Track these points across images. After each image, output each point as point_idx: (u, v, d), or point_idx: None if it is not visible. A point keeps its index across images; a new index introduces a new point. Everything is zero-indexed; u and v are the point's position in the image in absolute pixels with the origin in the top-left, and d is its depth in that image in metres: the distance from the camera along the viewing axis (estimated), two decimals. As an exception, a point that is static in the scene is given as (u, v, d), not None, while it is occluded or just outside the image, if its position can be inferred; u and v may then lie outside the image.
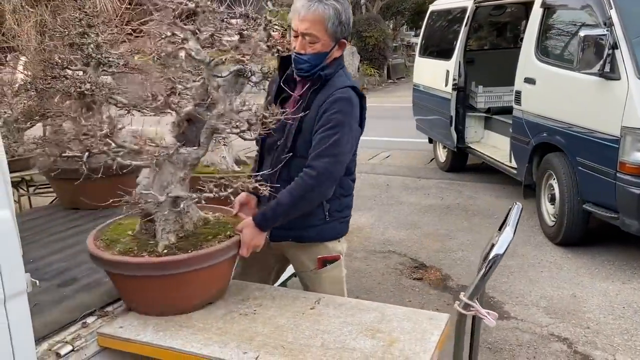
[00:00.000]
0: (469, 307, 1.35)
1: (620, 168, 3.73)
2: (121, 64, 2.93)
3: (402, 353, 1.53)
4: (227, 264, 1.84)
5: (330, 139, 1.88)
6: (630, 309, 3.48)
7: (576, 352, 3.04)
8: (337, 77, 1.98)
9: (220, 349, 1.58)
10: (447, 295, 3.75)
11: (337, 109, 1.91)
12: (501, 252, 1.34)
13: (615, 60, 3.78)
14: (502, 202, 5.63)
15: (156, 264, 1.67)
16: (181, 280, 1.72)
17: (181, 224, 1.81)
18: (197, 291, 1.79)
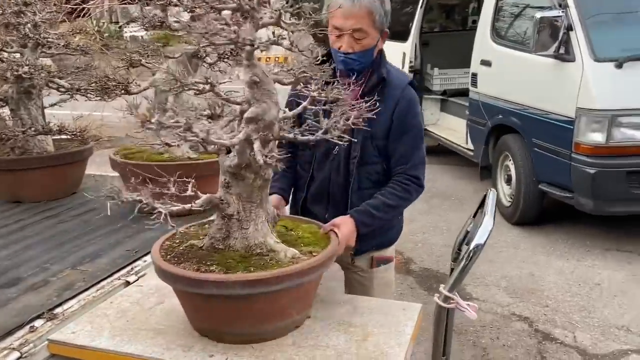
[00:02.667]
0: (449, 300, 1.29)
1: (575, 149, 3.82)
2: (61, 44, 2.71)
3: (377, 347, 1.48)
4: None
5: (419, 146, 1.90)
6: (586, 286, 3.59)
7: (537, 330, 3.10)
8: (391, 75, 1.91)
9: (184, 352, 1.48)
10: (411, 279, 3.75)
11: (413, 113, 1.90)
12: (482, 242, 1.31)
13: (570, 42, 3.84)
14: (459, 184, 5.70)
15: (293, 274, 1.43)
16: (302, 291, 1.52)
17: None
18: (306, 304, 1.61)
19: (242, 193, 1.50)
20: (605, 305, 3.32)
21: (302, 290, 1.48)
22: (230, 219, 1.57)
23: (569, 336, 3.03)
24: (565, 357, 2.83)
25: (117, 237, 2.30)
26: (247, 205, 1.50)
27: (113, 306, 1.76)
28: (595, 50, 3.76)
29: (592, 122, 3.73)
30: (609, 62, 3.72)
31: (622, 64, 3.67)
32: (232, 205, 1.55)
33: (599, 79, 3.75)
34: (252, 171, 1.45)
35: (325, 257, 1.48)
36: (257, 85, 1.39)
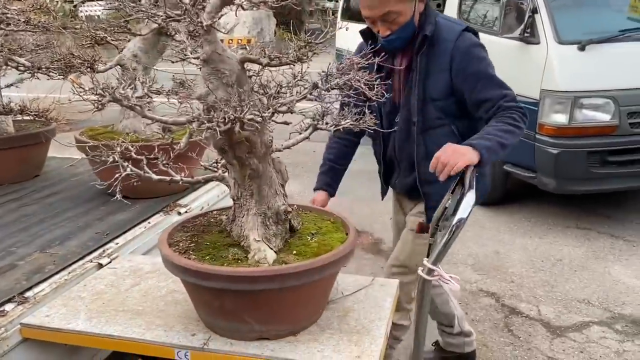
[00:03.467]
0: (433, 273, 1.32)
1: (539, 130, 3.93)
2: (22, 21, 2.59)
3: (358, 322, 1.51)
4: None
5: (499, 84, 1.82)
6: (548, 262, 3.73)
7: (504, 305, 3.21)
8: (440, 31, 1.84)
9: (165, 332, 1.47)
10: (381, 259, 3.81)
11: (476, 59, 1.84)
12: (465, 216, 1.33)
13: (535, 25, 3.92)
14: (426, 166, 5.79)
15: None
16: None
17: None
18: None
19: (237, 179, 1.48)
20: (567, 280, 3.47)
21: (253, 298, 1.37)
22: (235, 202, 1.55)
23: (533, 310, 3.15)
24: (531, 329, 2.94)
25: (86, 220, 2.25)
26: (243, 192, 1.48)
27: (87, 289, 1.73)
28: (559, 32, 3.86)
29: (555, 103, 3.85)
30: (572, 45, 3.82)
31: (584, 46, 3.79)
32: (232, 188, 1.54)
33: (562, 61, 3.86)
34: (235, 157, 1.42)
35: (267, 272, 1.32)
36: (207, 63, 1.34)
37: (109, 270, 1.86)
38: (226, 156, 1.42)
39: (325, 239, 1.51)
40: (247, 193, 1.46)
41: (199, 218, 1.67)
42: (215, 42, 1.33)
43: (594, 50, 3.77)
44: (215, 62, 1.34)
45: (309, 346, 1.39)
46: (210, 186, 2.70)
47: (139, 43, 2.62)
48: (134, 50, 2.60)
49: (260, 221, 1.46)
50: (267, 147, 1.43)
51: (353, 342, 1.41)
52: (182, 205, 2.46)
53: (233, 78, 1.36)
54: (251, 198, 1.46)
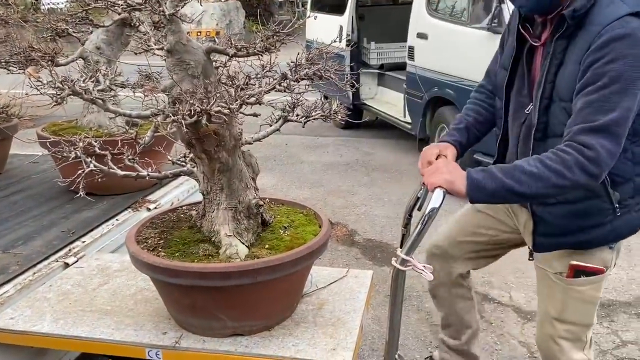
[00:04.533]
0: (406, 263, 1.34)
1: (507, 119, 3.98)
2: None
3: (333, 314, 1.51)
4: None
5: (606, 103, 1.28)
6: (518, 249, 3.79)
7: (476, 292, 3.24)
8: (599, 8, 1.33)
9: (135, 331, 1.44)
10: (355, 250, 3.82)
11: (611, 55, 1.28)
12: (437, 206, 1.34)
13: (502, 15, 3.97)
14: (398, 156, 5.83)
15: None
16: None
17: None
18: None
19: (206, 173, 1.45)
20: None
21: (226, 294, 1.34)
22: (205, 197, 1.52)
23: (505, 296, 3.20)
24: (503, 315, 3.00)
25: (51, 219, 2.19)
26: (212, 186, 1.45)
27: (53, 289, 1.69)
28: (525, 22, 3.91)
29: (522, 92, 3.90)
30: (538, 35, 3.88)
31: (549, 36, 3.84)
32: (201, 183, 1.51)
33: (528, 51, 3.91)
34: (203, 151, 1.38)
35: (239, 267, 1.30)
36: (171, 54, 1.31)
37: (75, 270, 1.82)
38: (194, 150, 1.40)
39: (298, 232, 1.50)
40: (217, 187, 1.44)
41: (168, 214, 1.64)
42: (179, 32, 1.29)
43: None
44: (180, 53, 1.31)
45: (283, 340, 1.38)
46: (179, 181, 2.66)
47: (102, 35, 2.56)
48: (97, 42, 2.53)
49: (231, 215, 1.43)
50: (236, 140, 1.41)
51: (328, 334, 1.41)
52: (152, 201, 2.42)
53: (199, 69, 1.33)
54: (221, 192, 1.44)
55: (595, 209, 1.46)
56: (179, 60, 1.32)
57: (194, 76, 1.33)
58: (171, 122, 1.21)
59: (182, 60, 1.32)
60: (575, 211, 1.47)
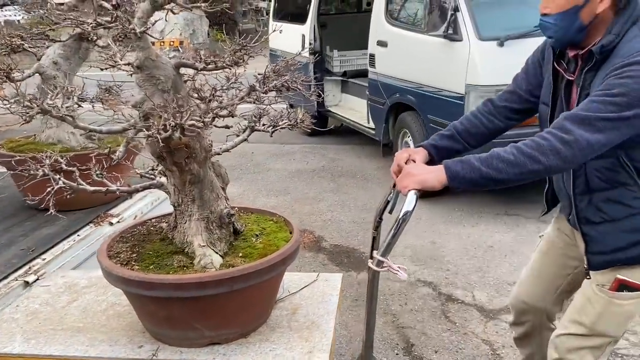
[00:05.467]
0: (382, 264, 1.41)
1: (465, 123, 4.09)
2: None
3: (307, 318, 1.54)
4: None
5: (604, 106, 1.35)
6: (480, 249, 3.91)
7: (440, 293, 3.34)
8: (626, 42, 1.41)
9: (110, 347, 1.44)
10: (322, 256, 3.86)
11: (627, 73, 1.35)
12: (410, 209, 1.40)
13: (457, 23, 4.09)
14: (363, 162, 5.91)
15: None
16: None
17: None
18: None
19: (177, 185, 1.46)
20: (498, 265, 3.65)
21: (203, 304, 1.35)
22: (176, 209, 1.53)
23: (468, 295, 3.29)
24: (466, 314, 3.08)
25: (9, 237, 2.15)
26: (184, 198, 1.47)
27: (20, 309, 1.67)
28: (479, 30, 4.06)
29: (479, 97, 4.03)
30: (492, 41, 4.02)
31: (503, 42, 4.00)
32: (172, 195, 1.52)
33: (483, 57, 4.05)
34: (173, 163, 1.40)
35: (216, 276, 1.33)
36: (140, 70, 1.33)
37: (42, 289, 1.80)
38: (164, 163, 1.41)
39: (270, 239, 1.53)
40: (189, 199, 1.45)
41: (138, 227, 1.64)
42: (148, 48, 1.32)
43: (512, 46, 3.99)
44: (150, 69, 1.33)
45: (260, 347, 1.41)
46: (143, 194, 2.64)
47: (59, 50, 2.53)
48: (54, 57, 2.50)
49: (203, 226, 1.45)
50: (206, 152, 1.42)
51: (304, 338, 1.44)
52: (114, 215, 2.40)
53: (169, 84, 1.36)
54: (193, 203, 1.46)
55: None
56: (149, 76, 1.34)
57: (164, 90, 1.35)
58: (146, 137, 1.22)
59: (152, 75, 1.34)
60: (622, 228, 1.53)
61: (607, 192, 1.53)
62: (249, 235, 1.55)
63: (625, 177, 1.50)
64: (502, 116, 1.77)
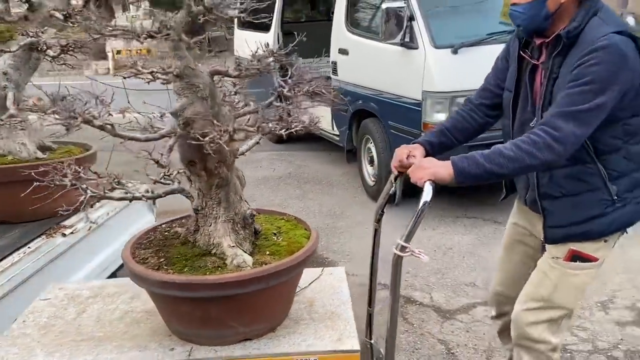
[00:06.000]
0: (405, 249, 1.52)
1: (424, 128, 4.23)
2: None
3: (325, 309, 1.63)
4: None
5: (582, 96, 1.50)
6: (440, 251, 4.01)
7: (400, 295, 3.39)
8: (590, 30, 1.56)
9: (141, 352, 1.46)
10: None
11: (594, 60, 1.50)
12: (429, 199, 1.54)
13: (413, 31, 4.20)
14: (328, 168, 5.98)
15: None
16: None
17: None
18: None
19: (202, 189, 1.52)
20: (456, 266, 3.75)
21: (238, 302, 1.41)
22: (198, 213, 1.55)
23: (426, 297, 3.38)
24: (424, 316, 3.17)
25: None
26: (209, 201, 1.52)
27: (29, 324, 1.65)
28: (434, 38, 4.19)
29: (435, 103, 4.16)
30: (446, 49, 4.15)
31: (457, 50, 4.13)
32: (195, 199, 1.54)
33: (438, 64, 4.19)
34: (203, 168, 1.46)
35: (257, 273, 1.40)
36: (179, 78, 1.39)
37: (43, 302, 1.78)
38: (194, 168, 1.46)
39: (291, 237, 1.63)
40: (214, 202, 1.52)
41: (150, 234, 1.67)
42: (185, 57, 1.38)
43: (465, 53, 4.13)
44: (189, 77, 1.40)
45: (290, 339, 1.49)
46: (98, 204, 2.64)
47: (9, 60, 2.53)
48: (4, 67, 2.51)
49: (230, 227, 1.52)
50: (234, 156, 1.50)
51: (329, 327, 1.54)
52: (67, 226, 2.40)
53: (207, 91, 1.43)
54: (219, 206, 1.52)
55: (596, 200, 1.66)
56: (188, 84, 1.41)
57: (203, 98, 1.41)
58: (179, 141, 1.33)
59: (191, 83, 1.40)
60: (578, 203, 1.67)
61: (568, 169, 1.65)
62: (269, 234, 1.64)
63: (584, 155, 1.63)
64: (480, 112, 1.91)
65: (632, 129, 1.64)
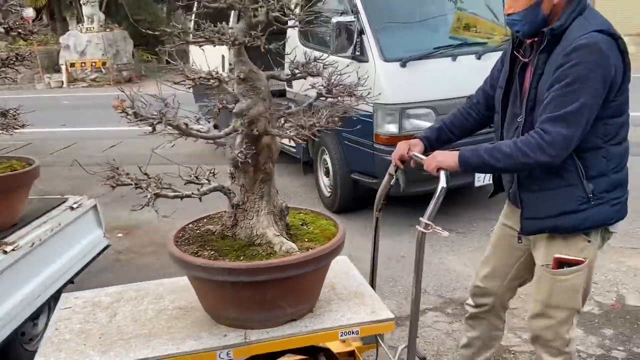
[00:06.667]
0: (428, 227, 1.75)
1: (376, 139, 4.35)
2: None
3: (348, 290, 1.82)
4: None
5: (567, 98, 1.63)
6: (393, 260, 4.10)
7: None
8: (574, 28, 1.69)
9: (196, 342, 1.55)
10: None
11: (575, 60, 1.62)
12: (445, 185, 1.76)
13: (363, 45, 4.31)
14: (286, 180, 6.04)
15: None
16: (292, 285, 1.60)
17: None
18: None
19: (245, 184, 1.66)
20: (408, 274, 3.81)
21: (291, 283, 1.56)
22: (237, 208, 1.68)
23: (378, 305, 3.43)
24: (375, 323, 3.21)
25: None
26: (250, 196, 1.67)
27: (62, 332, 1.67)
28: (383, 51, 4.32)
29: (386, 115, 4.28)
30: (395, 62, 4.27)
31: (405, 63, 4.28)
32: (237, 195, 1.68)
33: (388, 77, 4.33)
34: (251, 164, 1.61)
35: (312, 255, 1.56)
36: (244, 81, 1.57)
37: (66, 311, 1.80)
38: (244, 165, 1.60)
39: (319, 226, 1.82)
40: (256, 196, 1.66)
41: (181, 233, 1.77)
42: (248, 62, 1.57)
43: (414, 66, 4.29)
44: (253, 80, 1.57)
45: (330, 316, 1.65)
46: (42, 220, 2.61)
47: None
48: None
49: (272, 219, 1.67)
50: (277, 151, 1.68)
51: (359, 304, 1.72)
52: (9, 243, 2.36)
53: (266, 93, 1.61)
54: (261, 200, 1.67)
55: (571, 196, 1.78)
56: (252, 87, 1.57)
57: (264, 99, 1.59)
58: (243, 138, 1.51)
59: (254, 86, 1.57)
60: (553, 197, 1.80)
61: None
62: (297, 225, 1.80)
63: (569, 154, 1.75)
64: (477, 110, 2.11)
65: (611, 129, 1.75)
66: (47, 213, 2.69)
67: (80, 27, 15.54)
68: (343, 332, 1.60)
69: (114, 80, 15.04)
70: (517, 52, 1.87)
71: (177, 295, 1.80)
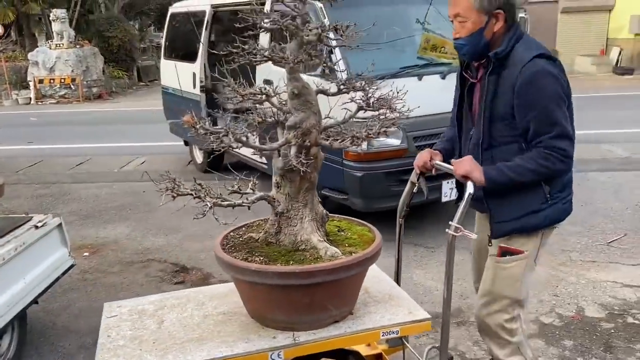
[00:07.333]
0: (458, 230, 1.86)
1: (345, 156, 4.44)
2: None
3: (382, 293, 1.93)
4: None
5: (555, 120, 1.88)
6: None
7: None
8: (516, 52, 1.94)
9: (247, 344, 1.63)
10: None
11: (536, 87, 1.88)
12: (472, 191, 1.91)
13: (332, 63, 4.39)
14: (256, 197, 6.00)
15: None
16: (338, 287, 1.69)
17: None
18: (345, 301, 1.79)
19: (290, 193, 1.80)
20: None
21: (337, 286, 1.66)
22: (281, 216, 1.81)
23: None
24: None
25: None
26: (295, 204, 1.80)
27: (114, 338, 1.72)
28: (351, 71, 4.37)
29: (356, 132, 4.32)
30: (362, 81, 4.35)
31: (373, 82, 4.34)
32: (282, 203, 1.81)
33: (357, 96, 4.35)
34: (298, 174, 1.74)
35: (358, 258, 1.66)
36: (297, 96, 1.72)
37: (112, 320, 1.86)
38: (291, 174, 1.73)
39: (355, 232, 1.93)
40: (301, 204, 1.79)
41: (225, 241, 1.86)
42: (300, 78, 1.74)
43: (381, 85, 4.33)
44: (305, 95, 1.73)
45: (371, 317, 1.77)
46: (6, 239, 2.57)
47: None
48: None
49: (315, 225, 1.79)
50: (321, 162, 1.83)
51: (396, 305, 1.83)
52: (-29, 261, 2.31)
53: (317, 107, 1.76)
54: (305, 207, 1.79)
55: (533, 198, 2.02)
56: (305, 101, 1.72)
57: (315, 112, 1.74)
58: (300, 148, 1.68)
59: (307, 100, 1.72)
60: (519, 200, 2.03)
61: None
62: (334, 232, 1.92)
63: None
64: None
65: None
66: (11, 232, 2.68)
67: (49, 44, 15.32)
68: (385, 332, 1.72)
69: (84, 96, 15.02)
70: (465, 73, 2.12)
71: (218, 302, 1.89)
